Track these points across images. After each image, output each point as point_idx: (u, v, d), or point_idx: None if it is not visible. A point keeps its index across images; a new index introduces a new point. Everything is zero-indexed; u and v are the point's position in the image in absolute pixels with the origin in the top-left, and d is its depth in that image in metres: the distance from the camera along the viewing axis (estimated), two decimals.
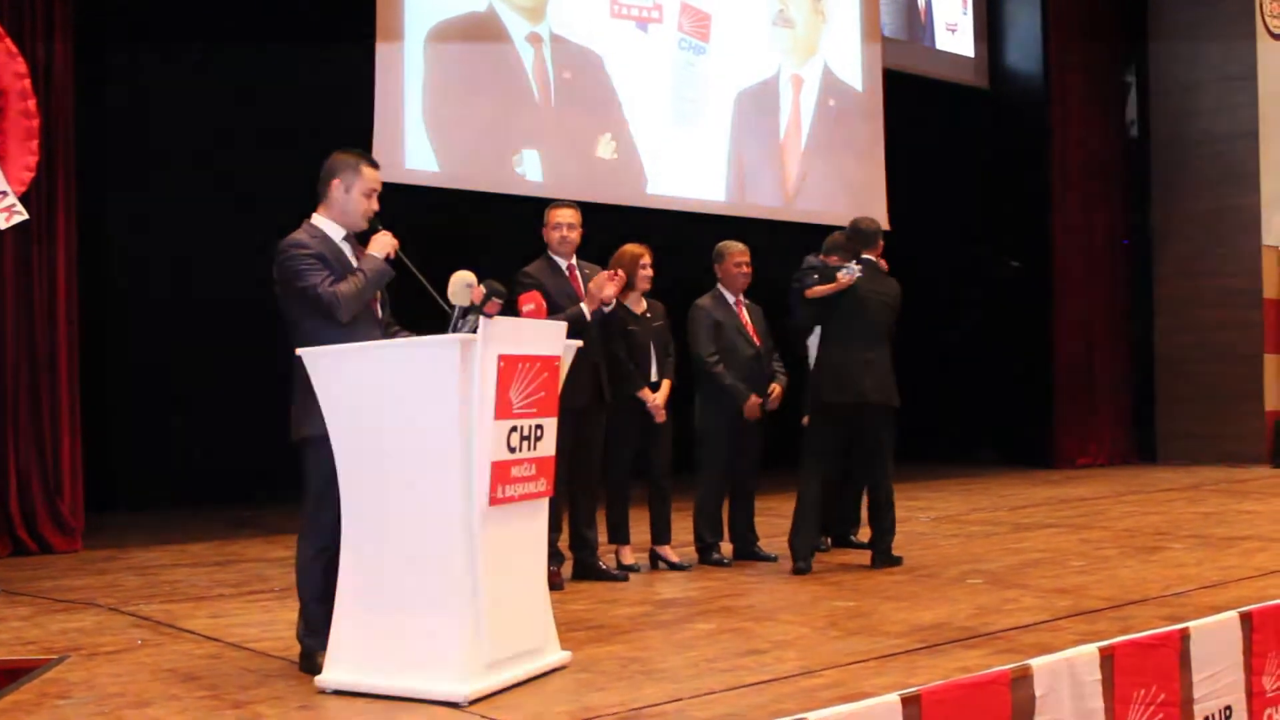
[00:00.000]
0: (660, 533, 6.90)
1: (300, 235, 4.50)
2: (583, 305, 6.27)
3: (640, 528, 6.87)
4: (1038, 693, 4.10)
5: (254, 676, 4.41)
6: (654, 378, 6.83)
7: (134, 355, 9.87)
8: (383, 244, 4.52)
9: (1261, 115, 14.38)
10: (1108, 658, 4.36)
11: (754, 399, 6.99)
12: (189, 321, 9.97)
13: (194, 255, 9.99)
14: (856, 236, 6.98)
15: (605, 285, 6.24)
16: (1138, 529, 8.33)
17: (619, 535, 6.83)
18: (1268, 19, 14.59)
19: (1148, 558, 7.00)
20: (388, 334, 4.61)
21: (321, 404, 4.21)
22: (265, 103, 10.09)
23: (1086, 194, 14.77)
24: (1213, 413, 14.53)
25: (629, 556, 6.80)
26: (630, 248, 6.84)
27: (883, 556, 6.85)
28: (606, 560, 6.61)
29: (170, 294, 9.97)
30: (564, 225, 6.48)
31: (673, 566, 6.83)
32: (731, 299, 7.18)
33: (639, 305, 6.86)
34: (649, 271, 6.83)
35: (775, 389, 7.13)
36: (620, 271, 6.44)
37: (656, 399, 6.75)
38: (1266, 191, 14.37)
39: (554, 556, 6.16)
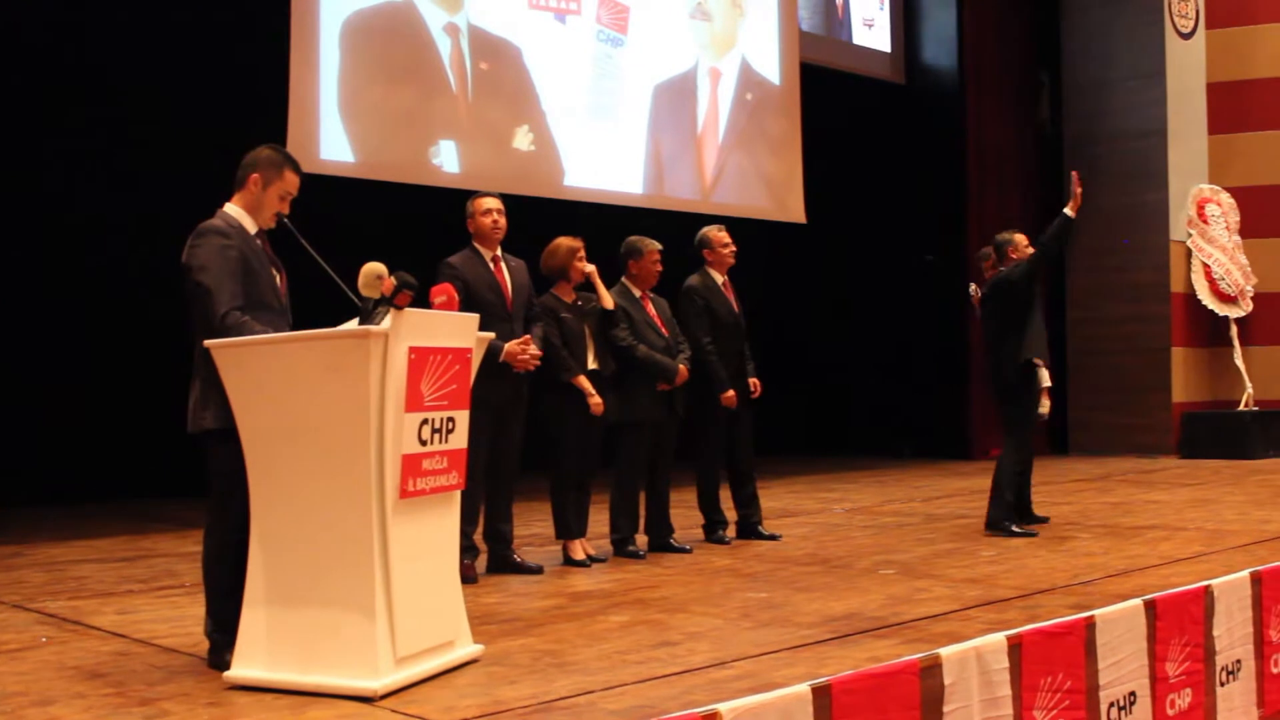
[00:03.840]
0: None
1: (218, 223, 4.43)
2: (504, 345, 6.21)
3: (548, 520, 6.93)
4: (947, 681, 4.15)
5: (161, 673, 4.35)
6: (591, 366, 6.80)
7: (38, 348, 9.69)
8: None
9: (1170, 113, 14.70)
10: (1015, 646, 4.41)
11: (682, 367, 7.08)
12: (94, 312, 9.82)
13: (96, 246, 9.83)
14: None
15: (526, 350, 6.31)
16: (1048, 519, 8.43)
17: (577, 529, 6.83)
18: (1176, 19, 14.87)
19: (1056, 547, 7.12)
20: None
21: (229, 395, 4.15)
22: (177, 91, 9.93)
23: (1001, 189, 14.98)
24: (1122, 404, 14.83)
25: (580, 551, 6.78)
26: (565, 240, 6.82)
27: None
28: (522, 554, 6.59)
29: (74, 286, 9.80)
30: (494, 210, 6.45)
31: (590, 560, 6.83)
32: (638, 293, 7.22)
33: (570, 296, 6.85)
34: (583, 265, 6.81)
35: (683, 370, 7.14)
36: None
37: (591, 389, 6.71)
38: (1174, 188, 14.69)
39: (469, 550, 6.14)
